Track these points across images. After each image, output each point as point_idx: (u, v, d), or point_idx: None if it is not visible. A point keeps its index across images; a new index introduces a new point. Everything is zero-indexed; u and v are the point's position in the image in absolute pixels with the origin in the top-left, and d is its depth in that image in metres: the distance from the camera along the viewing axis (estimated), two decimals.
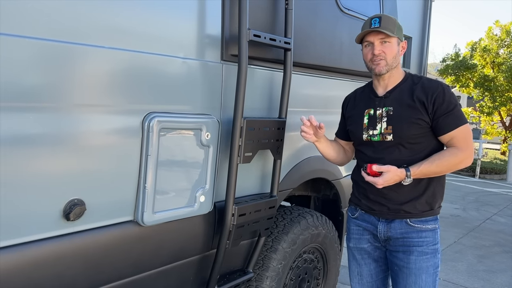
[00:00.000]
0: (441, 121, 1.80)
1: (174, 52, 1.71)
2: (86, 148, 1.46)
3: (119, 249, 1.61)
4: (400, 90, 1.90)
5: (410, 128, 1.83)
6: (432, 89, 1.83)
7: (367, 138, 1.94)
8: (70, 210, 1.42)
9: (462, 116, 1.84)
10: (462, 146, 1.81)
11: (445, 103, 1.80)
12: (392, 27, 1.84)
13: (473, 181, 10.48)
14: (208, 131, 1.80)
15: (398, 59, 1.90)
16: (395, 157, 1.85)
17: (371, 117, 1.94)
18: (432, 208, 1.90)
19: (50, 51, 1.34)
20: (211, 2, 1.84)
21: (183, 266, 1.92)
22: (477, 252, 5.00)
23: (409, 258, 1.89)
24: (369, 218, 2.00)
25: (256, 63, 2.08)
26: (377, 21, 1.83)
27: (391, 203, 1.89)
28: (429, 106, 1.81)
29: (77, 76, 1.42)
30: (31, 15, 1.29)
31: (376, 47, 1.85)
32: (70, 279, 1.47)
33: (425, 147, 1.85)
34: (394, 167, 1.78)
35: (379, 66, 1.86)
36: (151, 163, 1.62)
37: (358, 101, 2.05)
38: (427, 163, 1.80)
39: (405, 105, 1.85)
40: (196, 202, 1.82)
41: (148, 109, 1.62)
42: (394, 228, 1.92)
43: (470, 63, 13.68)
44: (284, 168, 2.32)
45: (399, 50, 1.90)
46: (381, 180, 1.78)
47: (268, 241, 2.39)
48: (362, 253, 2.06)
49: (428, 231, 1.90)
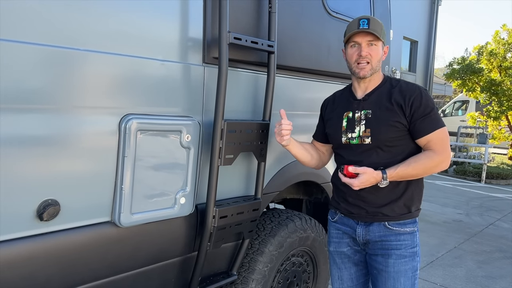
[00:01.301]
0: (418, 125, 1.80)
1: (155, 55, 1.73)
2: (61, 148, 1.48)
3: (95, 250, 1.62)
4: (379, 93, 1.90)
5: (388, 131, 1.83)
6: (409, 92, 1.83)
7: (346, 141, 1.94)
8: (43, 210, 1.44)
9: (438, 120, 1.84)
10: (438, 150, 1.81)
11: (422, 106, 1.80)
12: (379, 30, 1.84)
13: (479, 186, 10.36)
14: (188, 133, 1.81)
15: (380, 63, 1.90)
16: (374, 160, 1.85)
17: (350, 120, 1.94)
18: (410, 211, 1.90)
19: (29, 54, 1.36)
20: (193, 4, 1.85)
21: (164, 267, 1.93)
22: (477, 257, 4.94)
23: (388, 262, 1.88)
24: (348, 222, 1.99)
25: (241, 66, 2.08)
26: (366, 22, 1.82)
27: (369, 206, 1.89)
28: (406, 109, 1.81)
29: (53, 77, 1.43)
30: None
31: (364, 49, 1.84)
32: (44, 279, 1.49)
33: (403, 150, 1.85)
34: (371, 169, 1.79)
35: (364, 70, 1.85)
36: (128, 165, 1.63)
37: (337, 104, 2.05)
38: (403, 165, 1.80)
39: (383, 108, 1.85)
40: (176, 204, 1.83)
41: (126, 112, 1.64)
42: (372, 231, 1.91)
43: (476, 67, 13.56)
44: (269, 171, 2.32)
45: (382, 54, 1.90)
46: (357, 182, 1.79)
47: (255, 243, 2.39)
48: (342, 257, 2.05)
49: (406, 234, 1.89)
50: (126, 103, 1.64)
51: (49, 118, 1.44)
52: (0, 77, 1.31)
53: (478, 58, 13.96)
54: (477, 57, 14.02)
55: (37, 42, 1.38)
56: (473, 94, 14.02)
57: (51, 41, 1.42)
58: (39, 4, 1.38)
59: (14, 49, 1.34)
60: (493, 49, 13.50)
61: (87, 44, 1.51)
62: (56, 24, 1.43)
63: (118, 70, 1.61)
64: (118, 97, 1.62)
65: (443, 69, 26.51)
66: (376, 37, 1.83)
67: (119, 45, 1.60)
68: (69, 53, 1.46)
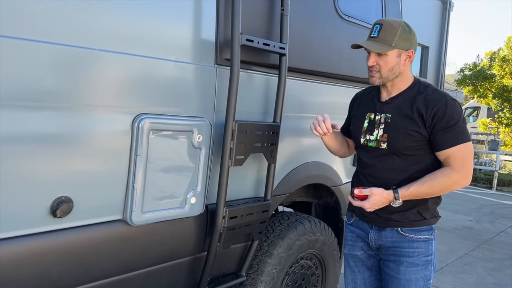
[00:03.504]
0: (438, 137, 1.71)
1: (168, 56, 1.75)
2: (75, 146, 1.50)
3: (107, 248, 1.64)
4: (403, 98, 1.82)
5: (404, 139, 1.76)
6: (434, 101, 1.73)
7: (364, 142, 1.90)
8: (57, 207, 1.46)
9: (463, 134, 1.72)
10: (457, 166, 1.71)
11: (446, 118, 1.69)
12: (390, 37, 1.73)
13: (490, 193, 10.25)
14: (199, 134, 1.82)
15: (396, 71, 1.78)
16: (388, 166, 1.80)
17: (371, 122, 1.89)
18: (425, 218, 1.84)
19: (44, 53, 1.39)
20: (205, 6, 1.87)
21: (174, 267, 1.94)
22: (488, 265, 4.88)
23: (399, 269, 1.84)
24: (362, 225, 1.96)
25: (252, 67, 2.10)
26: (377, 29, 1.75)
27: (381, 211, 1.83)
28: (427, 119, 1.71)
29: (68, 76, 1.46)
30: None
31: (370, 59, 1.79)
32: (56, 276, 1.51)
33: (420, 160, 1.78)
34: (380, 189, 1.73)
35: (373, 78, 1.81)
36: (140, 164, 1.65)
37: (364, 101, 2.00)
38: (417, 184, 1.72)
39: (403, 115, 1.78)
40: (187, 204, 1.84)
41: (139, 111, 1.66)
42: (385, 236, 1.87)
43: (488, 73, 13.46)
44: (280, 173, 2.32)
45: (400, 61, 1.77)
46: (368, 204, 1.73)
47: (264, 245, 2.40)
48: (355, 260, 2.03)
49: (420, 242, 1.83)
50: (139, 103, 1.66)
51: (64, 116, 1.46)
52: (18, 76, 1.34)
53: (490, 64, 13.85)
54: (489, 63, 13.92)
55: (54, 42, 1.41)
56: (485, 100, 13.91)
57: (67, 40, 1.44)
58: (55, 4, 1.41)
59: (31, 48, 1.36)
60: (505, 55, 13.39)
61: (102, 44, 1.53)
62: (72, 24, 1.45)
63: (132, 70, 1.63)
64: (132, 96, 1.64)
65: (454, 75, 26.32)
66: (384, 47, 1.73)
67: (133, 45, 1.62)
68: (85, 52, 1.49)
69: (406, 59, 1.79)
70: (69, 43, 1.45)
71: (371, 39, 1.77)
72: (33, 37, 1.36)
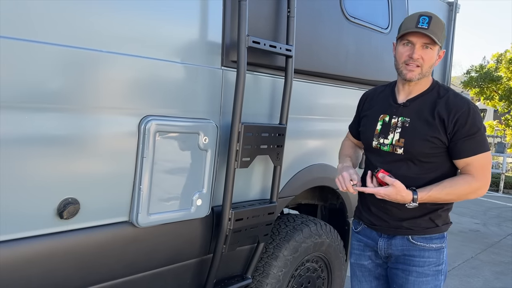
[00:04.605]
0: (459, 145, 1.64)
1: (175, 57, 1.75)
2: (82, 148, 1.50)
3: (113, 249, 1.64)
4: (423, 101, 1.72)
5: (423, 145, 1.67)
6: (456, 107, 1.64)
7: (376, 146, 1.79)
8: (64, 209, 1.46)
9: (483, 143, 1.66)
10: (478, 175, 1.65)
11: (468, 125, 1.62)
12: (440, 32, 1.64)
13: (497, 196, 10.18)
14: (206, 135, 1.82)
15: (431, 69, 1.71)
16: (403, 173, 1.70)
17: (385, 125, 1.78)
18: (437, 225, 1.75)
19: (52, 55, 1.40)
20: (212, 8, 1.87)
21: (180, 269, 1.94)
22: (495, 268, 4.84)
23: (408, 279, 1.77)
24: (370, 234, 1.87)
25: (259, 69, 2.10)
26: (426, 21, 1.61)
27: (391, 219, 1.76)
28: (449, 125, 1.63)
29: (75, 78, 1.46)
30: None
31: (417, 51, 1.64)
32: (62, 277, 1.51)
33: (437, 167, 1.70)
34: (402, 185, 1.61)
35: (412, 73, 1.66)
36: (146, 165, 1.65)
37: (375, 102, 1.89)
38: (437, 189, 1.63)
39: (423, 119, 1.68)
40: (192, 206, 1.84)
41: (146, 113, 1.66)
42: (395, 245, 1.79)
43: (495, 75, 13.39)
44: (286, 175, 2.32)
45: (436, 59, 1.70)
46: (383, 192, 1.63)
47: (270, 247, 2.39)
48: (362, 270, 1.94)
49: (431, 251, 1.75)
50: (146, 105, 1.66)
51: (71, 118, 1.47)
52: (27, 78, 1.34)
53: (496, 66, 13.77)
54: (495, 65, 13.84)
55: (61, 43, 1.41)
56: (491, 102, 13.84)
57: (75, 42, 1.45)
58: (62, 6, 1.41)
59: (39, 49, 1.37)
60: None
61: (109, 46, 1.53)
62: (80, 26, 1.46)
63: (139, 72, 1.64)
64: (138, 98, 1.65)
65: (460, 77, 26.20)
66: (434, 40, 1.62)
67: (140, 47, 1.63)
68: (92, 54, 1.49)
69: (438, 59, 1.71)
70: (77, 45, 1.45)
71: (422, 30, 1.61)
72: (41, 39, 1.37)
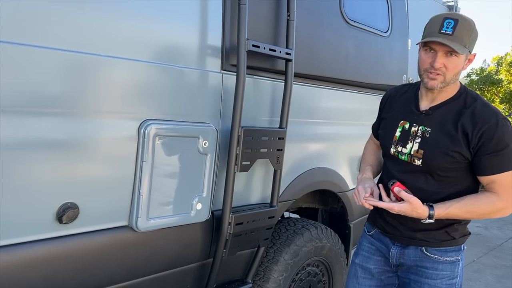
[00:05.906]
0: (484, 160, 1.51)
1: (174, 61, 1.75)
2: (81, 152, 1.50)
3: (112, 254, 1.64)
4: (447, 110, 1.58)
5: (443, 160, 1.55)
6: (482, 119, 1.50)
7: (394, 153, 1.69)
8: (63, 213, 1.45)
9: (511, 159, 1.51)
10: (503, 194, 1.52)
11: (495, 140, 1.48)
12: (466, 37, 1.47)
13: None
14: (205, 139, 1.82)
15: (458, 76, 1.56)
16: (419, 185, 1.60)
17: (404, 132, 1.66)
18: (454, 238, 1.63)
19: (52, 59, 1.39)
20: (212, 12, 1.87)
21: (180, 273, 1.93)
22: (497, 272, 4.82)
23: None
24: (384, 239, 1.78)
25: (258, 73, 2.09)
26: (452, 24, 1.46)
27: (405, 229, 1.67)
28: (473, 139, 1.50)
29: (74, 83, 1.46)
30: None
31: (439, 59, 1.48)
32: (62, 282, 1.50)
33: (457, 182, 1.59)
34: (418, 201, 1.50)
35: (434, 81, 1.52)
36: (146, 170, 1.64)
37: (396, 104, 1.77)
38: (457, 206, 1.51)
39: (445, 131, 1.56)
40: (192, 210, 1.83)
41: (145, 117, 1.66)
42: (408, 255, 1.70)
43: (495, 78, 13.39)
44: (285, 179, 2.31)
45: (464, 65, 1.54)
46: (397, 208, 1.52)
47: (270, 252, 2.38)
48: (365, 273, 1.84)
49: (446, 264, 1.63)
50: (145, 109, 1.66)
51: (71, 122, 1.47)
52: (26, 82, 1.34)
53: (497, 69, 13.78)
54: (496, 68, 13.85)
55: (61, 48, 1.41)
56: None
57: (74, 47, 1.44)
58: (62, 11, 1.41)
59: (38, 54, 1.37)
60: None
61: (108, 50, 1.53)
62: (79, 30, 1.46)
63: (138, 76, 1.63)
64: (138, 102, 1.64)
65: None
66: (461, 48, 1.45)
67: (139, 51, 1.63)
68: (91, 58, 1.49)
69: (467, 63, 1.56)
70: (77, 50, 1.45)
71: (445, 36, 1.46)
72: (41, 43, 1.37)
